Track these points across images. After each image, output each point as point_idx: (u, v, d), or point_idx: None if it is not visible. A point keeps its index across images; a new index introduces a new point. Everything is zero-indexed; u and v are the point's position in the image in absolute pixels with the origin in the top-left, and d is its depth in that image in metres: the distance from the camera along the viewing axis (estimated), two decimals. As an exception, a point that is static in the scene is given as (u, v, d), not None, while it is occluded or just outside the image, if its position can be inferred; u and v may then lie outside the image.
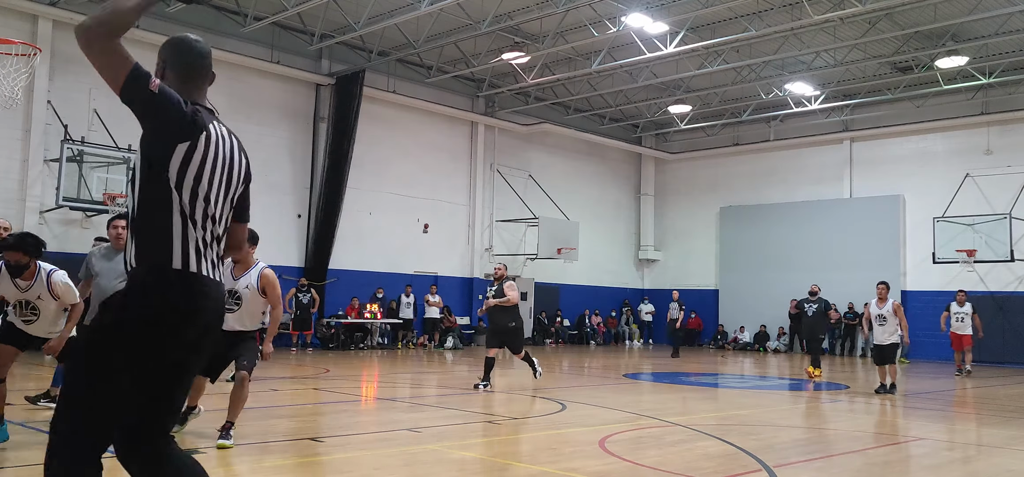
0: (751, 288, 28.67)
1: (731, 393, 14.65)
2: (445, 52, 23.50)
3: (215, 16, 20.82)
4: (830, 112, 27.33)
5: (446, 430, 7.88)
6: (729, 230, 30.10)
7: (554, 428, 9.33)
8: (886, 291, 13.74)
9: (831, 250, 26.97)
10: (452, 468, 6.73)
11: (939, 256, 23.74)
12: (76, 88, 18.67)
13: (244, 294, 7.23)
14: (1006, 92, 24.41)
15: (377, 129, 23.82)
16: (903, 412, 11.79)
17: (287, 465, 6.49)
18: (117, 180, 17.97)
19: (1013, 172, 24.23)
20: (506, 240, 27.55)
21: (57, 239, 18.39)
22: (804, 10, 18.57)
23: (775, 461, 7.22)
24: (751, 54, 22.44)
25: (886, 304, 13.57)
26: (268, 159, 21.84)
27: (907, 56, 22.39)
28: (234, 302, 7.17)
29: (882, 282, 13.93)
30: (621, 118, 29.93)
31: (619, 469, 6.81)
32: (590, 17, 20.39)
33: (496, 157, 27.34)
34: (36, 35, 17.80)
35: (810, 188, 28.44)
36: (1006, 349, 23.91)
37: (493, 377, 12.83)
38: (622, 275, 31.67)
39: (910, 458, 7.84)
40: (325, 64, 22.80)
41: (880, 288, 13.79)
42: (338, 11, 20.08)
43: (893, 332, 13.48)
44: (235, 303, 7.18)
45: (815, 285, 17.25)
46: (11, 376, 8.55)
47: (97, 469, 2.98)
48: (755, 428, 9.49)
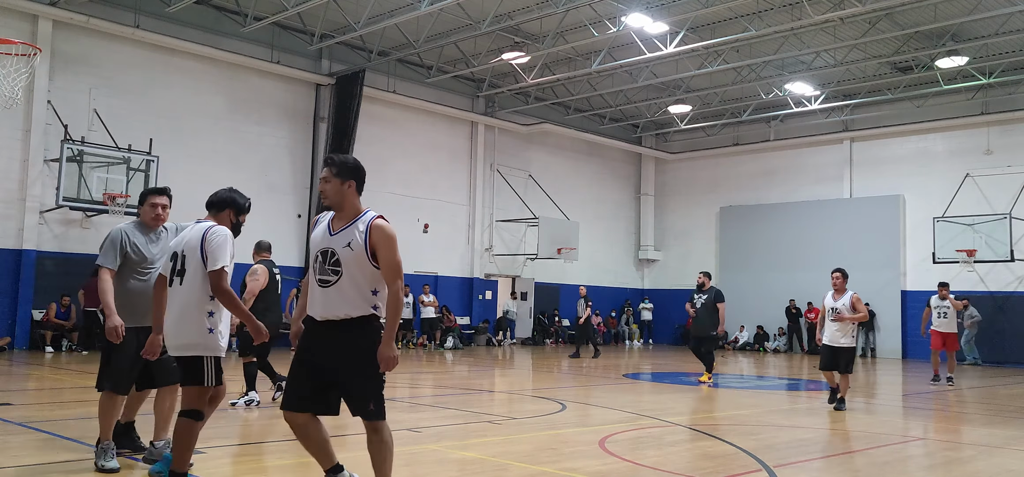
0: (751, 288, 28.66)
1: (731, 393, 14.64)
2: (445, 52, 23.51)
3: (215, 16, 20.82)
4: (830, 112, 27.33)
5: (446, 430, 7.88)
6: (729, 230, 30.10)
7: (554, 428, 9.33)
8: (843, 280, 11.35)
9: (831, 250, 26.89)
10: (452, 468, 6.73)
11: (939, 256, 23.74)
12: (76, 88, 18.68)
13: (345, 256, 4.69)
14: (1006, 92, 24.41)
15: (377, 129, 23.82)
16: (903, 412, 11.78)
17: (287, 465, 6.49)
18: (117, 180, 17.97)
19: (1013, 172, 24.24)
20: (506, 240, 27.56)
21: (57, 239, 18.40)
22: (804, 10, 18.58)
23: (775, 461, 7.22)
24: (751, 54, 22.44)
25: (844, 297, 11.28)
26: (268, 159, 21.85)
27: (907, 56, 22.39)
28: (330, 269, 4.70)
29: (837, 270, 11.46)
30: (621, 118, 29.93)
31: (619, 469, 6.81)
32: (590, 17, 20.39)
33: (496, 157, 27.35)
34: (36, 35, 17.79)
35: (810, 188, 28.44)
36: (1006, 349, 23.91)
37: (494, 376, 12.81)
38: (622, 275, 31.67)
39: (910, 458, 7.84)
40: (325, 64, 22.80)
41: (836, 277, 11.37)
42: (338, 11, 20.08)
43: (849, 332, 11.27)
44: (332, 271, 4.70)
45: (703, 274, 15.18)
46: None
47: None
48: (755, 428, 9.49)
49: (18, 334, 17.78)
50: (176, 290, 5.29)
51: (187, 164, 20.07)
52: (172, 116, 20.09)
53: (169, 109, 20.08)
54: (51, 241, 18.41)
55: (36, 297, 18.02)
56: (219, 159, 20.80)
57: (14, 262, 17.89)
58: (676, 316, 30.84)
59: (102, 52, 19.21)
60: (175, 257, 5.38)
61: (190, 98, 20.46)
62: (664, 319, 30.99)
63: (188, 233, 5.47)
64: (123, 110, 19.28)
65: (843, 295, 11.22)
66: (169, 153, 19.18)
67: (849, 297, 11.18)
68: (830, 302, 11.35)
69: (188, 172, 20.08)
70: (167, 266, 5.44)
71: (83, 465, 6.40)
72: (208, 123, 20.74)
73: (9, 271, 17.82)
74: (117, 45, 19.42)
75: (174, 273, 5.33)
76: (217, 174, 20.65)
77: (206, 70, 20.72)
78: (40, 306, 18.05)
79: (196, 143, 20.44)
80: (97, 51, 19.14)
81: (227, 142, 21.05)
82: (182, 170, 19.87)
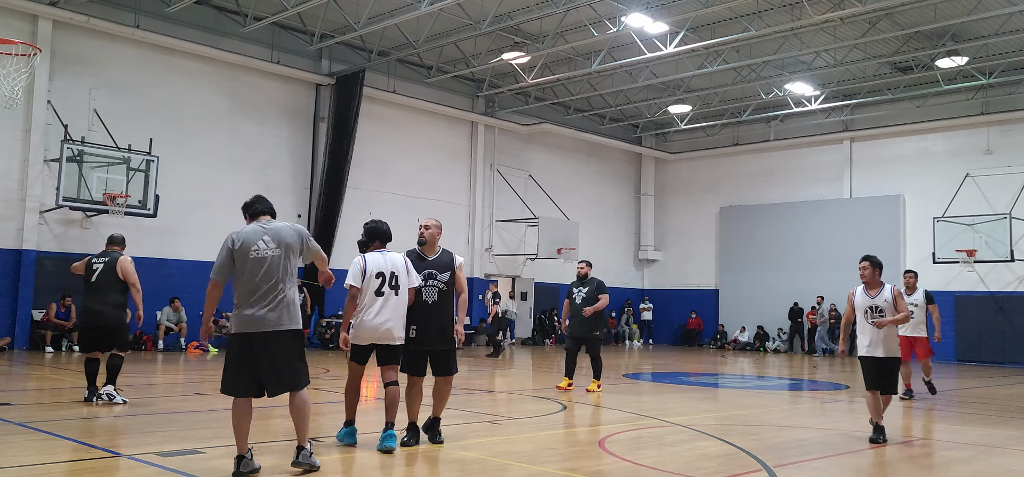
0: (751, 288, 28.67)
1: (731, 393, 14.64)
2: (445, 52, 23.50)
3: (215, 16, 20.81)
4: (830, 112, 27.33)
5: (446, 430, 7.87)
6: (729, 230, 30.10)
7: (554, 428, 9.33)
8: (874, 271, 8.76)
9: (831, 250, 26.95)
10: (452, 468, 6.73)
11: (939, 256, 23.75)
12: (76, 88, 18.68)
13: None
14: (1006, 92, 24.42)
15: (377, 129, 23.82)
16: (903, 412, 11.78)
17: (287, 465, 6.48)
18: (117, 180, 17.96)
19: (1013, 172, 24.24)
20: (506, 240, 27.56)
21: (57, 239, 18.40)
22: (804, 10, 18.58)
23: (775, 461, 7.22)
24: (751, 54, 22.44)
25: (882, 291, 8.68)
26: (268, 159, 21.84)
27: (907, 56, 22.39)
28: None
29: (867, 258, 8.86)
30: (621, 118, 29.93)
31: (619, 469, 6.81)
32: (590, 17, 20.39)
33: (496, 157, 27.34)
34: (36, 35, 17.79)
35: (810, 188, 28.44)
36: (1006, 349, 23.91)
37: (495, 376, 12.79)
38: (622, 275, 31.65)
39: (910, 458, 7.84)
40: (325, 64, 22.80)
41: (864, 267, 8.81)
42: (338, 11, 20.08)
43: (893, 336, 8.73)
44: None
45: (584, 264, 13.02)
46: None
47: None
48: (755, 428, 9.49)
49: (18, 334, 17.78)
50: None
51: (187, 164, 20.08)
52: (172, 116, 20.08)
53: (169, 109, 20.08)
54: (51, 241, 18.40)
55: (36, 297, 18.02)
56: (219, 159, 20.81)
57: (14, 262, 17.89)
58: (676, 316, 30.89)
59: (102, 52, 19.21)
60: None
61: (190, 98, 20.45)
62: (664, 319, 31.01)
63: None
64: (123, 110, 19.27)
65: (880, 290, 8.67)
66: (169, 153, 19.18)
67: (889, 291, 8.66)
68: (865, 299, 8.72)
69: (188, 172, 20.10)
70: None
71: (83, 465, 6.40)
72: (208, 123, 20.73)
73: (9, 271, 17.82)
74: (117, 45, 19.41)
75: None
76: (217, 174, 20.72)
77: (206, 70, 20.71)
78: (40, 306, 18.04)
79: (196, 143, 20.44)
80: (97, 51, 19.14)
81: (227, 142, 21.04)
82: (182, 170, 19.88)
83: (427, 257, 7.40)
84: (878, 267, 8.79)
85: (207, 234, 19.88)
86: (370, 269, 7.04)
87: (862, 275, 8.78)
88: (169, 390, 11.65)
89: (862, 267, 8.80)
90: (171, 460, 6.48)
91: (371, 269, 7.04)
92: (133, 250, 10.55)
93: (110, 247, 9.73)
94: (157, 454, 6.64)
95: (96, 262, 9.52)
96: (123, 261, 9.50)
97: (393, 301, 7.05)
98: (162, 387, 12.27)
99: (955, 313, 24.33)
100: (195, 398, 10.77)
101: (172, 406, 10.16)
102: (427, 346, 7.28)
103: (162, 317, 19.08)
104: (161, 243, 19.41)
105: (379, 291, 7.00)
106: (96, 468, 6.31)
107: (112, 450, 6.88)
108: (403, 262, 7.19)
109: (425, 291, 7.27)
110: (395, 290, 7.06)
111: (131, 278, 9.46)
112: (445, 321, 7.30)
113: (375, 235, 7.32)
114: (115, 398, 9.31)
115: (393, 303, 7.06)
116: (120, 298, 9.46)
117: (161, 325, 19.01)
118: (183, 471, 6.10)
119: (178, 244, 19.68)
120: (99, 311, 9.36)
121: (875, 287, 8.70)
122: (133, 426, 8.16)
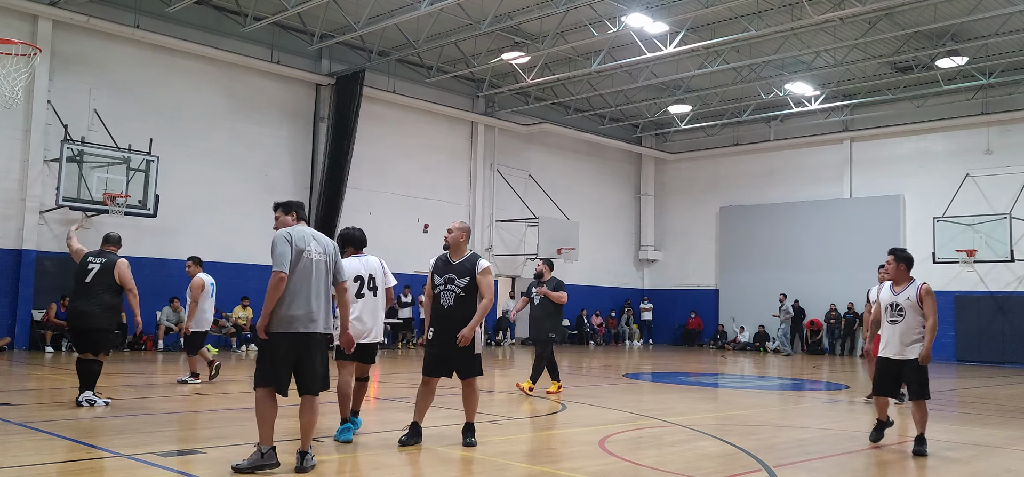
0: (751, 288, 28.66)
1: (731, 393, 14.64)
2: (445, 52, 23.50)
3: (215, 16, 20.82)
4: (830, 112, 27.33)
5: (446, 430, 7.87)
6: (729, 230, 30.10)
7: (554, 428, 9.34)
8: (898, 268, 8.07)
9: (831, 250, 26.96)
10: (452, 468, 6.73)
11: (939, 256, 23.74)
12: (76, 88, 18.68)
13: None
14: (1006, 92, 24.41)
15: (377, 129, 23.82)
16: (903, 412, 11.77)
17: (287, 464, 6.48)
18: (117, 180, 17.97)
19: (1013, 172, 24.24)
20: (506, 240, 27.56)
21: (57, 239, 18.38)
22: (804, 10, 18.58)
23: (775, 461, 7.22)
24: (751, 54, 22.44)
25: (908, 288, 7.94)
26: (268, 159, 21.84)
27: (907, 56, 22.39)
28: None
29: (893, 251, 8.22)
30: (621, 118, 29.93)
31: (619, 469, 6.81)
32: (590, 17, 20.39)
33: (496, 157, 27.34)
34: (36, 35, 17.79)
35: (810, 188, 28.44)
36: (1006, 349, 23.91)
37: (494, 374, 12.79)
38: (622, 275, 31.66)
39: (910, 458, 7.84)
40: (325, 64, 22.80)
41: (889, 262, 8.18)
42: (338, 11, 20.08)
43: (918, 336, 7.83)
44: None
45: (543, 262, 12.45)
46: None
47: None
48: (755, 428, 9.49)
49: (18, 334, 17.78)
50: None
51: (187, 164, 20.08)
52: (172, 116, 20.08)
53: (169, 109, 20.08)
54: (51, 241, 18.40)
55: (36, 297, 18.02)
56: (219, 159, 20.81)
57: (14, 262, 17.89)
58: (676, 316, 30.89)
59: (102, 52, 19.21)
60: None
61: (190, 98, 20.45)
62: (664, 319, 31.01)
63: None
64: (123, 110, 19.27)
65: (907, 285, 7.95)
66: (169, 153, 19.18)
67: (916, 288, 7.88)
68: (889, 296, 8.06)
69: (188, 172, 20.10)
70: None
71: (83, 465, 6.40)
72: (208, 123, 20.73)
73: (9, 271, 17.82)
74: (117, 45, 19.41)
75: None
76: (217, 174, 20.73)
77: (206, 70, 20.71)
78: (40, 306, 18.04)
79: (196, 143, 20.44)
80: (97, 51, 19.14)
81: (227, 142, 21.04)
82: (182, 170, 19.89)
83: (453, 261, 7.43)
84: (904, 262, 8.06)
85: (207, 234, 19.91)
86: (349, 273, 7.15)
87: (887, 269, 8.20)
88: (169, 390, 11.65)
89: (887, 262, 8.22)
90: (171, 460, 6.49)
91: (351, 273, 7.25)
92: (133, 250, 10.56)
93: (106, 247, 9.62)
94: (157, 454, 6.64)
95: (92, 262, 9.39)
96: (120, 265, 9.39)
97: (372, 302, 7.59)
98: (162, 387, 12.26)
99: (955, 313, 24.33)
100: (195, 398, 10.77)
101: (172, 406, 10.15)
102: (444, 349, 7.31)
103: (162, 317, 19.08)
104: (161, 243, 19.41)
105: (359, 293, 7.46)
106: (96, 468, 6.30)
107: (112, 450, 6.87)
108: (379, 264, 7.71)
109: (443, 295, 7.32)
110: (373, 291, 7.60)
111: (128, 283, 9.36)
112: (463, 325, 7.28)
113: (348, 241, 7.76)
114: (96, 402, 9.22)
115: (372, 304, 7.58)
116: (112, 301, 9.36)
117: (161, 325, 19.01)
118: (183, 471, 6.10)
119: (178, 244, 19.66)
120: (87, 312, 9.24)
121: (902, 283, 8.01)
122: (133, 426, 8.16)
